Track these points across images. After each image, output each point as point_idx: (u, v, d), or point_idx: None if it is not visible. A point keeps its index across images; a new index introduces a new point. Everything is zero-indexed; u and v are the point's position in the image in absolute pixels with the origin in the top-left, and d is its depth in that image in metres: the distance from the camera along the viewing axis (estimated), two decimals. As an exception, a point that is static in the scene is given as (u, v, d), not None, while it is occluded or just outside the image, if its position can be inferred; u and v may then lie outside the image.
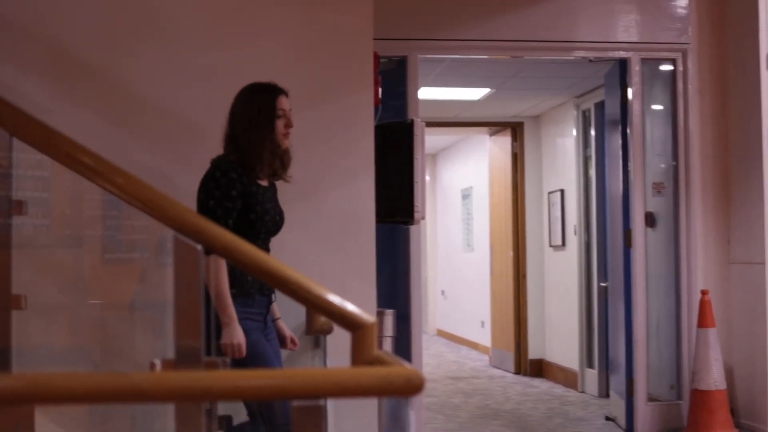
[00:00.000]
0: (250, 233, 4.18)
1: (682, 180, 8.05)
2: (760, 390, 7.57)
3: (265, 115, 4.27)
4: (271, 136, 4.26)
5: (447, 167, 17.62)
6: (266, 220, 4.25)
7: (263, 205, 4.24)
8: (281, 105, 4.31)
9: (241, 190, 4.19)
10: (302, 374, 1.89)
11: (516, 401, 9.90)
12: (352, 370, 1.95)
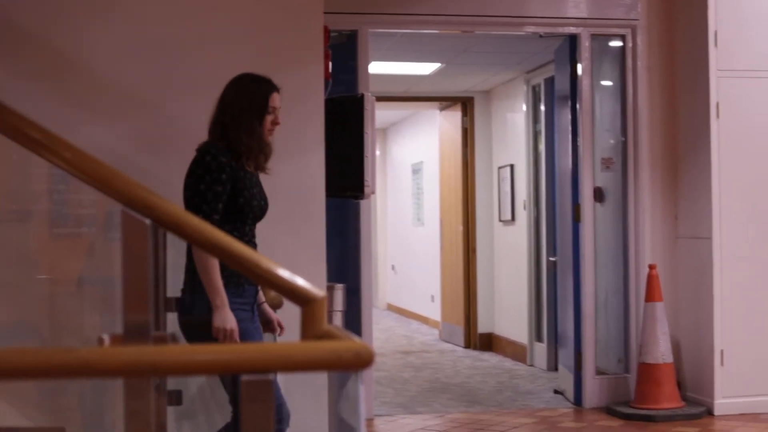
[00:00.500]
0: (238, 218, 4.24)
1: (630, 155, 8.11)
2: (706, 363, 7.66)
3: (256, 108, 4.32)
4: (259, 129, 4.31)
5: (397, 142, 17.62)
6: (253, 205, 4.29)
7: (251, 190, 4.29)
8: (273, 102, 4.36)
9: (231, 174, 4.22)
10: (251, 348, 1.89)
11: (465, 375, 9.96)
12: (302, 345, 1.95)
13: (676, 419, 7.42)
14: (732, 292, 7.58)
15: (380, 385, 9.23)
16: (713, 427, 7.23)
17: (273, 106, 4.36)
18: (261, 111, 4.33)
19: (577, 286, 8.12)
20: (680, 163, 8.05)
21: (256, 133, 4.31)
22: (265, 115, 4.33)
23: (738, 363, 7.59)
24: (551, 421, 7.52)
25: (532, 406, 8.16)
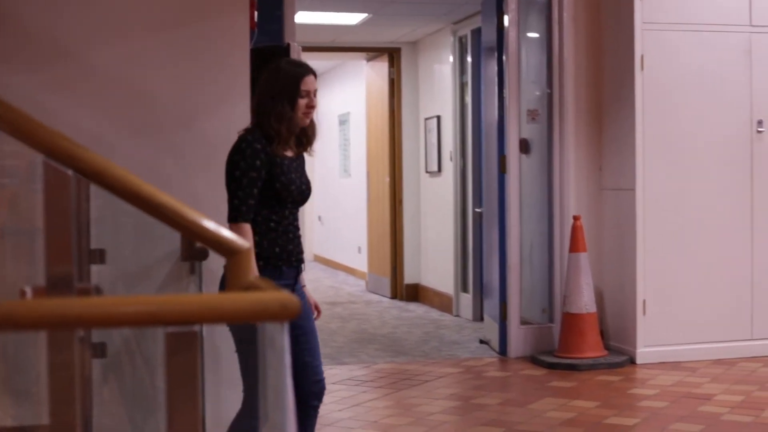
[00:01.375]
0: (276, 202, 4.31)
1: (556, 107, 8.16)
2: (629, 313, 7.78)
3: (287, 92, 4.33)
4: (290, 114, 4.32)
5: (324, 93, 17.53)
6: (291, 189, 4.33)
7: (288, 175, 4.32)
8: (305, 86, 4.35)
9: (266, 160, 4.27)
10: (175, 300, 1.87)
11: (392, 325, 10.01)
12: (227, 296, 1.94)
13: (599, 368, 7.54)
14: (654, 243, 7.69)
15: (307, 336, 9.23)
16: (635, 375, 7.35)
17: (305, 90, 4.35)
18: (292, 95, 4.33)
19: (503, 237, 8.18)
20: (605, 116, 8.12)
21: (286, 117, 4.32)
22: (296, 98, 4.33)
23: (659, 313, 7.72)
24: (476, 371, 7.59)
25: (458, 356, 8.24)
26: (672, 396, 6.63)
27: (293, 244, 4.37)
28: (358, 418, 6.20)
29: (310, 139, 4.48)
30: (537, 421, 6.02)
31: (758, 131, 7.87)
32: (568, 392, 6.82)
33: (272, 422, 2.28)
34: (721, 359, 7.77)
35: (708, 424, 5.87)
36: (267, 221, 4.31)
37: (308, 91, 4.36)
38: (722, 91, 7.84)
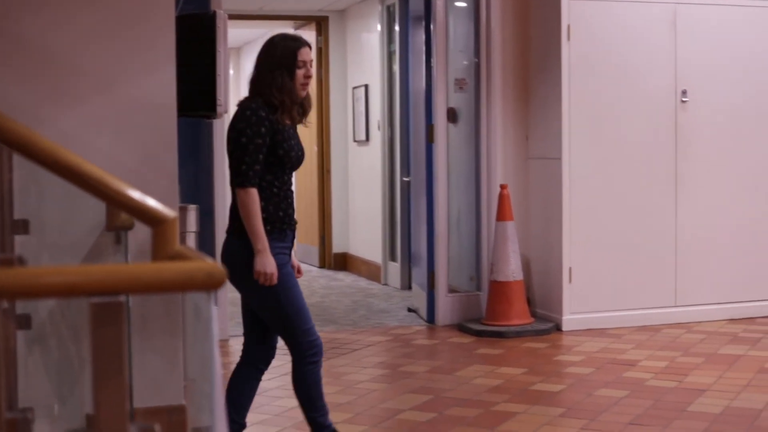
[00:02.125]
0: (278, 168, 4.50)
1: (483, 77, 8.18)
2: (555, 281, 7.86)
3: (285, 63, 4.58)
4: (290, 85, 4.57)
5: (251, 61, 17.40)
6: (292, 156, 4.54)
7: (289, 142, 4.54)
8: (302, 56, 4.60)
9: (270, 127, 4.49)
10: (100, 270, 1.85)
11: (321, 294, 10.01)
12: (152, 266, 1.92)
13: (526, 335, 7.61)
14: (580, 211, 7.76)
15: (235, 306, 9.17)
16: (561, 342, 7.43)
17: (302, 60, 4.60)
18: (290, 66, 4.58)
19: (431, 206, 8.20)
20: (532, 85, 8.16)
21: (287, 87, 4.56)
22: (294, 69, 4.58)
23: (585, 280, 7.80)
24: (404, 339, 7.63)
25: (386, 325, 8.26)
26: (597, 362, 6.72)
27: (292, 207, 4.59)
28: (287, 387, 6.20)
29: (305, 110, 4.73)
30: (464, 388, 6.07)
31: (682, 101, 7.97)
32: (495, 359, 6.88)
33: (200, 391, 2.28)
34: (645, 326, 7.89)
35: (633, 390, 5.96)
36: (271, 186, 4.51)
37: (305, 61, 4.61)
38: (647, 61, 7.91)
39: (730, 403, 5.64)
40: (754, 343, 7.26)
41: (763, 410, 5.47)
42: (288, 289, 4.54)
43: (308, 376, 4.66)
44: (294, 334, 4.64)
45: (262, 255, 4.39)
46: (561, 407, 5.64)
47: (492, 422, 5.33)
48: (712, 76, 8.07)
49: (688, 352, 6.99)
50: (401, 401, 5.74)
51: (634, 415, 5.42)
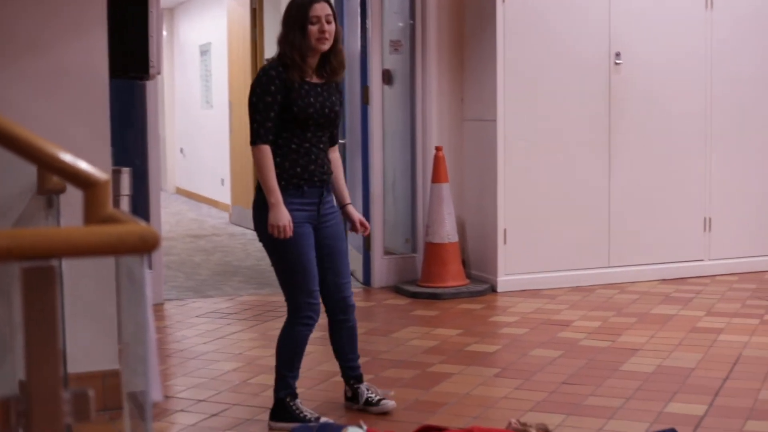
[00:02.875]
0: (297, 125, 4.60)
1: (418, 38, 8.16)
2: (489, 242, 7.90)
3: (297, 23, 4.59)
4: (302, 42, 4.57)
5: (185, 22, 17.24)
6: (310, 112, 4.58)
7: (305, 99, 4.58)
8: (314, 12, 4.58)
9: (280, 86, 4.58)
10: (30, 234, 1.82)
11: (256, 258, 9.98)
12: (83, 229, 1.89)
13: (461, 296, 7.65)
14: (515, 173, 7.80)
15: (170, 270, 9.16)
16: (496, 303, 7.49)
17: (315, 16, 4.58)
18: (303, 23, 4.58)
19: (366, 167, 8.19)
20: (467, 47, 8.16)
21: (297, 45, 4.58)
22: (307, 26, 4.58)
23: (519, 241, 7.86)
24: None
25: (322, 287, 8.25)
26: (532, 323, 6.78)
27: (315, 164, 4.64)
28: (222, 351, 6.19)
29: (334, 67, 4.71)
30: (400, 350, 6.09)
31: (616, 63, 8.02)
32: (431, 321, 6.92)
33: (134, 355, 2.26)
34: (579, 286, 7.97)
35: (566, 350, 6.02)
36: (288, 143, 4.61)
37: (318, 17, 4.59)
38: (582, 23, 7.95)
39: (662, 362, 5.72)
40: (685, 303, 7.36)
41: (695, 369, 5.56)
42: (296, 246, 4.61)
43: (297, 335, 4.78)
44: (293, 293, 4.75)
45: (275, 208, 4.51)
46: (496, 368, 5.68)
47: (427, 383, 5.36)
48: (645, 39, 8.13)
49: (621, 312, 7.08)
50: (335, 364, 5.74)
51: (568, 374, 5.48)
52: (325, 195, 4.73)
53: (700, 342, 6.17)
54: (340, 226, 4.83)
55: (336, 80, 4.76)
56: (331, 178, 4.77)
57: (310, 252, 4.66)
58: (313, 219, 4.68)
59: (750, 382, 5.29)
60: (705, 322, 6.74)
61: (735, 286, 8.01)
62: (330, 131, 4.76)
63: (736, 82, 8.44)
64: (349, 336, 4.93)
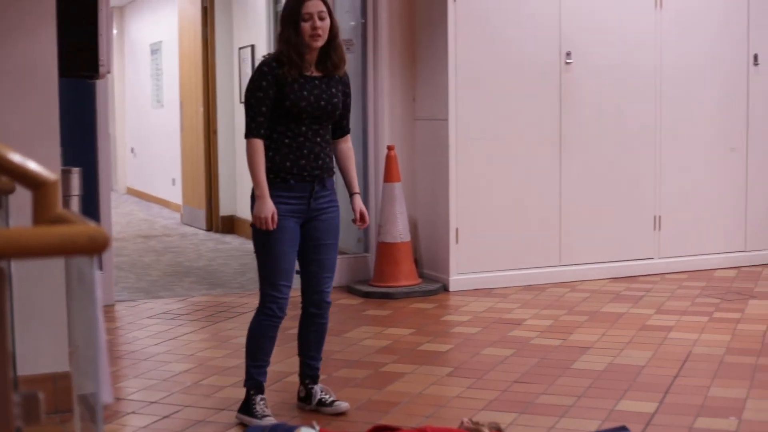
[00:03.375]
0: (291, 119, 4.66)
1: (370, 38, 8.16)
2: (442, 241, 7.91)
3: (291, 20, 4.66)
4: (295, 39, 4.65)
5: (135, 21, 17.13)
6: (302, 106, 4.64)
7: (298, 93, 4.65)
8: (307, 9, 4.65)
9: (273, 81, 4.66)
10: (-22, 235, 1.80)
11: (208, 258, 9.94)
12: (31, 230, 1.87)
13: (414, 296, 7.66)
14: (467, 172, 7.82)
15: (121, 271, 9.10)
16: (448, 302, 7.50)
17: (307, 13, 4.65)
18: (295, 20, 4.65)
19: (318, 167, 8.16)
20: (418, 46, 8.17)
21: (291, 41, 4.65)
22: (299, 22, 4.64)
23: (472, 241, 7.88)
24: (293, 302, 7.58)
25: (275, 287, 8.23)
26: (484, 322, 6.80)
27: (307, 159, 4.69)
28: (174, 352, 6.16)
29: (334, 62, 4.77)
30: (353, 350, 6.09)
31: (567, 62, 8.06)
32: (384, 320, 6.92)
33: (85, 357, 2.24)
34: (531, 285, 8.01)
35: (518, 348, 6.04)
36: (282, 137, 4.68)
37: (310, 13, 4.65)
38: (533, 23, 7.98)
39: (612, 360, 5.76)
40: (635, 301, 7.42)
41: (645, 366, 5.60)
42: (272, 239, 4.68)
43: (259, 326, 4.80)
44: (262, 283, 4.80)
45: (260, 200, 4.61)
46: (448, 367, 5.70)
47: (380, 383, 5.36)
48: (595, 38, 8.18)
49: (573, 310, 7.12)
50: (289, 364, 5.73)
51: (520, 373, 5.50)
52: (318, 190, 4.77)
53: (651, 340, 6.22)
54: (333, 222, 4.90)
55: (338, 74, 4.80)
56: (329, 172, 4.81)
57: (285, 246, 4.71)
58: (302, 213, 4.74)
59: (700, 379, 5.34)
60: (655, 320, 6.80)
61: (685, 284, 8.08)
62: (331, 124, 4.82)
63: (686, 80, 8.52)
64: (317, 333, 4.94)
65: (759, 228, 8.91)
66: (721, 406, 4.85)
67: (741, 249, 8.86)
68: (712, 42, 8.61)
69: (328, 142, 4.81)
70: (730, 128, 8.74)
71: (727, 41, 8.67)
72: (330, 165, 4.81)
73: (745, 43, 8.72)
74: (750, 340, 6.20)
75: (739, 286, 7.94)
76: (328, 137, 4.80)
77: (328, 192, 4.84)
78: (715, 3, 8.61)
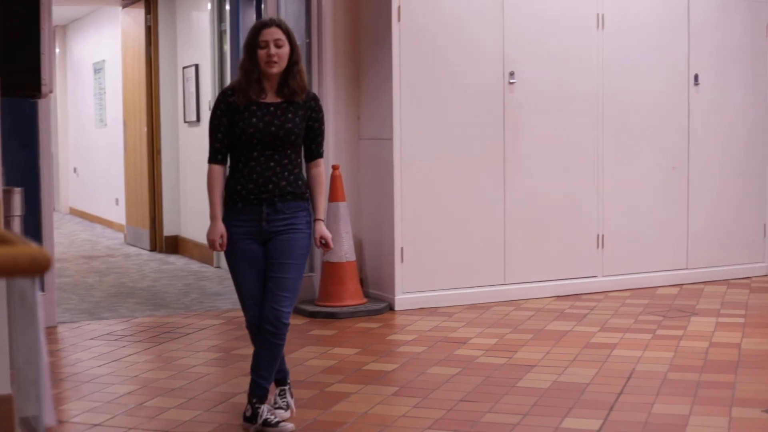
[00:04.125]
0: (244, 145, 4.79)
1: (315, 57, 8.16)
2: (387, 261, 7.92)
3: (248, 46, 4.82)
4: (250, 65, 4.79)
5: (78, 40, 17.01)
6: (250, 132, 4.74)
7: (248, 120, 4.76)
8: (263, 37, 4.77)
9: (226, 109, 4.82)
10: None
11: (152, 278, 9.87)
12: (-26, 252, 1.85)
13: (359, 315, 7.65)
14: (411, 191, 7.84)
15: (63, 292, 9.01)
16: (394, 321, 7.50)
17: (263, 40, 4.76)
18: (252, 48, 4.79)
19: (263, 187, 8.14)
20: (363, 66, 8.19)
21: (245, 68, 4.80)
22: (256, 50, 4.78)
23: (417, 260, 7.89)
24: (238, 322, 7.58)
25: (219, 308, 8.20)
26: (429, 341, 6.81)
27: (256, 183, 4.77)
28: (118, 374, 6.10)
29: (292, 88, 4.83)
30: (299, 370, 6.06)
31: (510, 82, 8.12)
32: (329, 340, 6.90)
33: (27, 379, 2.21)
34: (476, 304, 8.03)
35: (464, 367, 6.06)
36: (237, 162, 4.83)
37: (266, 41, 4.76)
38: (477, 42, 8.03)
39: (557, 377, 5.79)
40: (579, 319, 7.47)
41: (590, 384, 5.63)
42: (231, 261, 4.89)
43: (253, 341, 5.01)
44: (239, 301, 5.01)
45: (211, 222, 4.82)
46: (394, 386, 5.69)
47: (326, 403, 5.35)
48: (538, 58, 8.25)
49: (517, 329, 7.15)
50: (235, 385, 5.70)
51: (466, 391, 5.51)
52: (268, 213, 4.81)
53: (595, 357, 6.26)
54: (291, 243, 4.87)
55: (298, 99, 4.84)
56: (282, 197, 4.82)
57: (242, 268, 4.86)
58: (256, 234, 4.83)
59: (643, 396, 5.38)
60: (599, 337, 6.84)
61: (628, 301, 8.15)
62: (291, 149, 4.85)
63: (627, 100, 8.62)
64: (270, 352, 4.91)
65: (700, 246, 9.02)
66: (665, 423, 4.89)
67: (683, 267, 8.96)
68: (654, 62, 8.72)
69: (288, 166, 4.85)
70: (672, 147, 8.84)
71: (668, 61, 8.79)
72: (287, 189, 4.83)
73: (686, 63, 8.84)
74: (692, 356, 6.26)
75: (682, 304, 8.02)
76: (286, 161, 4.84)
77: (286, 215, 4.85)
78: (656, 24, 8.72)
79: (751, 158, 9.25)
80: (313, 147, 4.99)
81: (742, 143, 9.19)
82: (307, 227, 4.93)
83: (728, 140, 9.12)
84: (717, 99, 9.03)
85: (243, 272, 4.86)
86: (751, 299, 8.21)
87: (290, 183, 4.83)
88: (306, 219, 4.93)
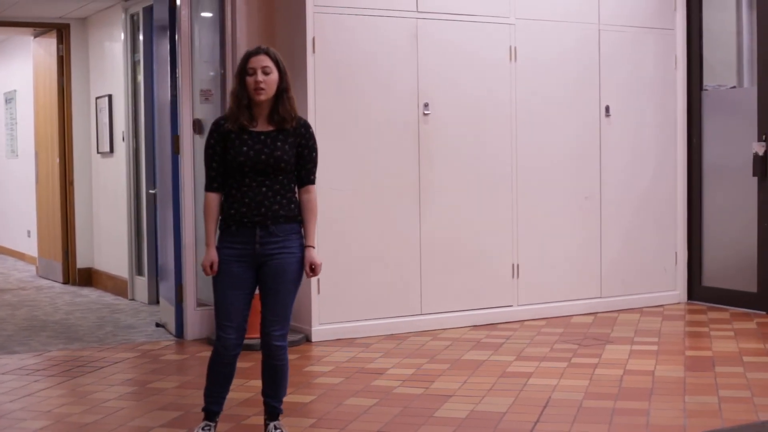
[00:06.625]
0: (236, 172, 4.93)
1: (229, 88, 8.12)
2: (304, 292, 7.85)
3: (238, 73, 4.93)
4: (240, 92, 4.91)
5: (-11, 69, 16.75)
6: (240, 161, 4.88)
7: (239, 148, 4.89)
8: (251, 64, 4.88)
9: (218, 138, 4.97)
10: None
11: (65, 311, 9.72)
12: None
13: (276, 347, 7.60)
14: (328, 222, 7.80)
15: (-27, 325, 8.83)
16: (311, 352, 7.47)
17: (251, 68, 4.87)
18: (241, 75, 4.90)
19: (177, 218, 8.10)
20: (279, 97, 8.16)
21: (235, 95, 4.93)
22: (245, 77, 4.89)
23: (333, 291, 7.88)
24: (153, 355, 7.50)
25: (134, 341, 8.10)
26: (346, 372, 6.79)
27: (248, 207, 4.91)
28: (30, 409, 5.98)
29: (281, 115, 4.94)
30: (215, 403, 6.00)
31: (425, 114, 8.17)
32: (246, 373, 6.85)
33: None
34: (393, 334, 8.04)
35: (381, 398, 6.05)
36: (231, 188, 4.97)
37: (254, 68, 4.87)
38: (392, 74, 8.08)
39: (474, 407, 5.81)
40: (496, 348, 7.51)
41: (506, 413, 5.66)
42: (217, 282, 5.01)
43: (211, 361, 5.15)
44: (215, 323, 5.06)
45: (207, 249, 5.02)
46: (311, 418, 5.67)
47: (243, 436, 5.30)
48: (453, 90, 8.32)
49: (434, 359, 7.16)
50: (150, 418, 5.63)
51: (383, 422, 5.51)
52: (262, 235, 4.93)
53: (511, 386, 6.30)
54: (282, 267, 4.96)
55: (287, 127, 4.96)
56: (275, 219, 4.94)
57: (227, 289, 4.97)
58: (250, 257, 4.96)
59: (560, 424, 5.42)
60: (515, 366, 6.89)
61: (543, 330, 8.21)
62: (283, 175, 4.96)
63: (541, 130, 8.72)
64: (271, 374, 5.09)
65: (613, 274, 9.14)
66: (580, 451, 4.93)
67: (597, 295, 9.06)
68: (566, 93, 8.84)
69: (281, 191, 4.97)
70: (585, 177, 8.96)
71: (580, 93, 8.92)
72: (280, 212, 4.94)
73: (597, 94, 8.98)
74: (607, 384, 6.33)
75: (596, 332, 8.11)
76: (278, 187, 4.96)
77: (279, 238, 4.96)
78: (568, 56, 8.84)
79: (662, 187, 9.40)
80: (303, 174, 5.09)
81: (652, 173, 9.34)
82: (300, 250, 5.04)
83: (639, 170, 9.26)
84: (628, 130, 9.18)
85: (225, 292, 4.97)
86: (664, 327, 8.33)
87: (282, 206, 4.95)
88: (299, 242, 5.03)
